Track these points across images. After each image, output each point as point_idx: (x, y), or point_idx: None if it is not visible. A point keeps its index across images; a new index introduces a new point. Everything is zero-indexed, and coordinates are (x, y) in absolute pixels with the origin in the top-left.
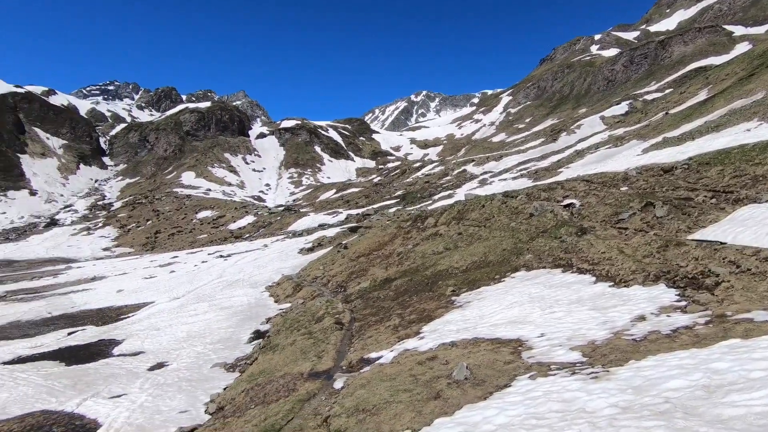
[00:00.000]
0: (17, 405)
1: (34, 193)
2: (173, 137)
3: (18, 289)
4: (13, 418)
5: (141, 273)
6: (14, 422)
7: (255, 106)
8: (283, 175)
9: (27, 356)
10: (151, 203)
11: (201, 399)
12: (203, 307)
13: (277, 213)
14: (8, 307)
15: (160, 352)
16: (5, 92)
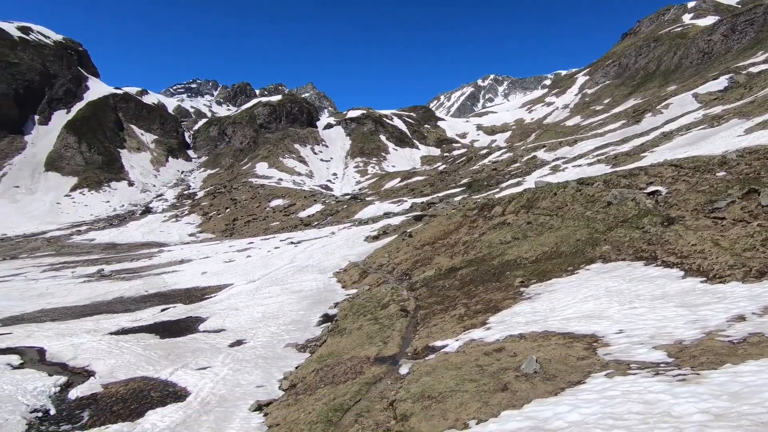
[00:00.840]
0: (122, 370)
1: (132, 184)
2: (248, 130)
3: (120, 269)
4: (120, 381)
5: (221, 257)
6: (120, 385)
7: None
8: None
9: (129, 328)
10: (229, 192)
11: (275, 376)
12: (276, 290)
13: (344, 201)
14: (113, 285)
15: (239, 330)
16: (107, 94)
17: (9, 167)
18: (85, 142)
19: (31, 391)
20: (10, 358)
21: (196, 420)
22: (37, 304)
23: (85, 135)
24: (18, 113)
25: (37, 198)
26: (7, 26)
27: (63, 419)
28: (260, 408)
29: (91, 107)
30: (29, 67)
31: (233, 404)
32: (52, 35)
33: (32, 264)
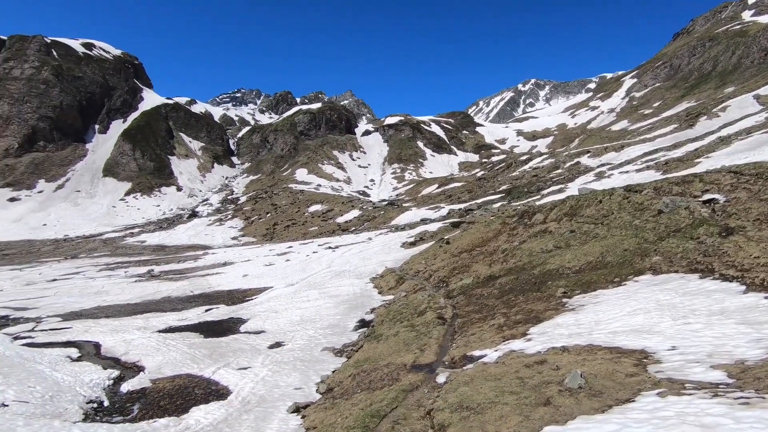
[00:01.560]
0: (169, 367)
1: (180, 189)
2: (289, 137)
3: (169, 270)
4: (167, 377)
5: (262, 260)
6: (167, 381)
7: (361, 105)
8: (386, 171)
9: (176, 327)
10: (270, 198)
11: (313, 379)
12: (314, 294)
13: (381, 207)
14: (162, 285)
15: (278, 333)
16: (159, 104)
17: (72, 173)
18: (139, 150)
19: (87, 383)
20: (69, 351)
21: (237, 419)
22: (94, 301)
23: (139, 143)
24: (81, 123)
25: (95, 202)
26: (73, 43)
27: (115, 411)
28: (298, 410)
29: (144, 117)
30: (92, 81)
31: (272, 405)
32: (112, 50)
33: (90, 263)
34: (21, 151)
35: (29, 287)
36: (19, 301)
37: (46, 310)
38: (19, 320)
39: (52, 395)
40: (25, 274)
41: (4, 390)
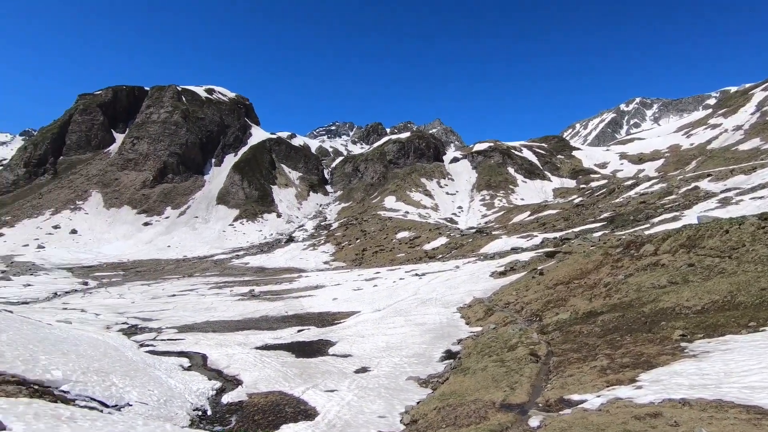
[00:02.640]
0: (264, 383)
1: (280, 216)
2: (378, 166)
3: (267, 290)
4: (261, 392)
5: (351, 285)
6: (261, 396)
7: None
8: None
9: (271, 345)
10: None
11: (397, 408)
12: (400, 321)
13: (469, 235)
14: (261, 304)
15: (364, 358)
16: (264, 138)
17: (192, 201)
18: (246, 180)
19: (194, 391)
20: (182, 361)
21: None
22: (203, 316)
23: (246, 174)
24: (201, 158)
25: (209, 226)
26: (198, 89)
27: (216, 420)
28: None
29: (252, 150)
30: (211, 120)
31: (356, 431)
32: (228, 93)
33: (202, 282)
34: (154, 182)
35: (154, 301)
36: (146, 312)
37: (165, 322)
38: (145, 329)
39: (165, 399)
40: (152, 289)
41: (130, 391)
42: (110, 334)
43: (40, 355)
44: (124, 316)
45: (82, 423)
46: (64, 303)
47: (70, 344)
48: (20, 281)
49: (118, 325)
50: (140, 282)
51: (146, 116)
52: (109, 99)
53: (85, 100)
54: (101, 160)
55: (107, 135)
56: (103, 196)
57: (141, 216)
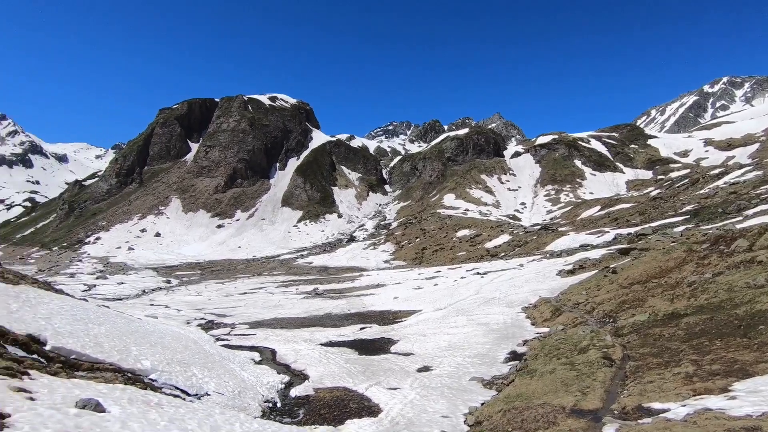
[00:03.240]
0: (329, 378)
1: (341, 216)
2: (437, 164)
3: (330, 289)
4: (326, 388)
5: (411, 284)
6: (327, 391)
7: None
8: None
9: (335, 342)
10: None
11: (460, 409)
12: (462, 321)
13: (533, 232)
14: (324, 302)
15: (426, 357)
16: (324, 141)
17: (259, 204)
18: (309, 182)
19: (265, 384)
20: (253, 355)
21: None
22: (272, 313)
23: (308, 176)
24: (266, 162)
25: (275, 228)
26: (262, 98)
27: (285, 413)
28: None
29: (313, 153)
30: (275, 127)
31: (419, 430)
32: (290, 100)
33: (270, 280)
34: (226, 188)
35: (227, 298)
36: (221, 309)
37: (238, 318)
38: (220, 325)
39: (239, 391)
40: (225, 287)
41: (208, 381)
42: (190, 329)
43: (131, 346)
44: (202, 312)
45: (167, 409)
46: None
47: (156, 337)
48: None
49: (196, 320)
50: (215, 281)
51: (217, 126)
52: (184, 112)
53: (164, 114)
54: (179, 168)
55: (184, 145)
56: (181, 201)
57: (215, 219)
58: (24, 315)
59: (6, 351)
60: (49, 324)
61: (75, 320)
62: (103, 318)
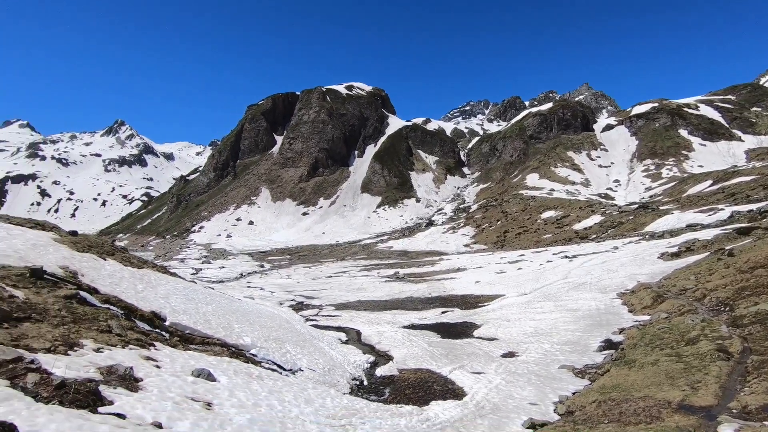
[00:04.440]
0: (412, 360)
1: (419, 200)
2: (518, 143)
3: (410, 273)
4: (410, 369)
5: (493, 268)
6: (410, 372)
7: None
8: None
9: (417, 325)
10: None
11: (549, 397)
12: (549, 306)
13: (629, 212)
14: (405, 286)
15: (511, 342)
16: (401, 127)
17: (340, 191)
18: (386, 168)
19: (352, 363)
20: (339, 335)
21: (472, 421)
22: (356, 296)
23: (386, 162)
24: (345, 151)
25: (356, 214)
26: (339, 88)
27: (371, 391)
28: (534, 427)
29: (390, 139)
30: (352, 115)
31: (506, 415)
32: (366, 87)
33: (353, 264)
34: (309, 177)
35: (314, 281)
36: (309, 291)
37: (324, 300)
38: (309, 306)
39: (329, 368)
40: (312, 271)
41: (301, 358)
42: (283, 309)
43: (234, 324)
44: (292, 294)
45: (267, 381)
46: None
47: (254, 316)
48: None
49: (287, 301)
50: (302, 265)
51: (299, 118)
52: (269, 107)
53: (252, 110)
54: (267, 160)
55: (270, 138)
56: (270, 191)
57: (300, 207)
58: (147, 295)
59: (136, 325)
60: (168, 303)
61: (187, 300)
62: (210, 298)
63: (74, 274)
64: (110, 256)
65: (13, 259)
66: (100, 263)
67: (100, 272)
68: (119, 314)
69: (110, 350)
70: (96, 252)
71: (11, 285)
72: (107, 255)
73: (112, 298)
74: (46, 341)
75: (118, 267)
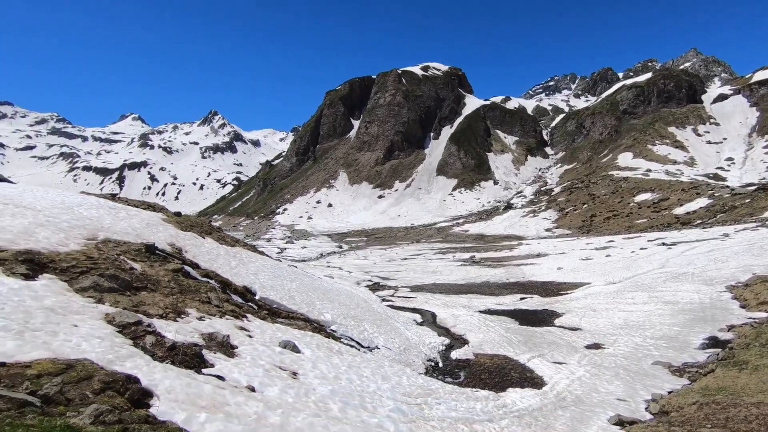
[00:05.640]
0: (488, 345)
1: (497, 183)
2: (609, 119)
3: (487, 257)
4: (486, 354)
5: (577, 254)
6: (487, 357)
7: (711, 64)
8: (755, 145)
9: (493, 310)
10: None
11: (641, 394)
12: (642, 297)
13: (745, 194)
14: (481, 270)
15: (596, 333)
16: (478, 106)
17: (415, 174)
18: (463, 150)
19: (427, 344)
20: (415, 316)
21: (552, 412)
22: (431, 279)
23: (462, 144)
24: (421, 133)
25: (431, 197)
26: (415, 69)
27: (446, 373)
28: (622, 424)
29: (466, 120)
30: (428, 96)
31: (590, 409)
32: (442, 67)
33: (428, 247)
34: (384, 160)
35: (390, 263)
36: (384, 272)
37: (400, 281)
38: (384, 287)
39: (404, 348)
40: (387, 253)
41: (377, 337)
42: (360, 289)
43: (315, 300)
44: (369, 275)
45: (346, 356)
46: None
47: (333, 294)
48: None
49: (364, 281)
50: (378, 246)
51: (375, 101)
52: (346, 92)
53: (330, 96)
54: (344, 144)
55: (347, 123)
56: (347, 175)
57: (376, 190)
58: (240, 271)
59: (230, 298)
60: (257, 279)
61: (274, 276)
62: (293, 276)
63: (179, 250)
64: (208, 234)
65: (132, 236)
66: (200, 241)
67: (200, 249)
68: (217, 287)
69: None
70: (196, 231)
71: (131, 259)
72: (206, 234)
73: (210, 273)
74: (159, 308)
75: (214, 245)
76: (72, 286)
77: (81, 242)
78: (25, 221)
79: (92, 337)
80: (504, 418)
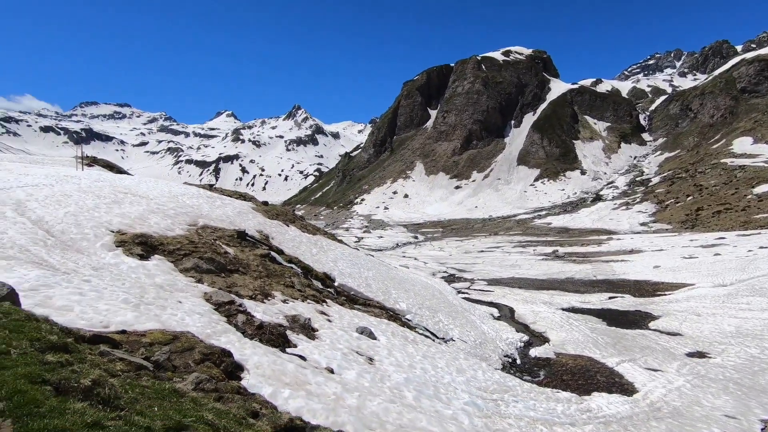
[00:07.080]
0: (571, 345)
1: (584, 173)
2: (722, 99)
3: (571, 252)
4: (569, 354)
5: (679, 252)
6: (569, 358)
7: None
8: None
9: (578, 308)
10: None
11: (755, 412)
12: (759, 303)
13: None
14: (565, 266)
15: (700, 341)
16: (564, 91)
17: (494, 164)
18: (546, 138)
19: (504, 340)
20: (491, 311)
21: (644, 422)
22: (509, 272)
23: (546, 132)
24: (501, 121)
25: (511, 187)
26: (495, 54)
27: (525, 371)
28: None
29: (551, 106)
30: (509, 83)
31: (690, 423)
32: (524, 51)
33: (506, 240)
34: (462, 150)
35: (466, 255)
36: (461, 264)
37: (476, 274)
38: (460, 279)
39: (480, 342)
40: (464, 245)
41: (452, 329)
42: (435, 280)
43: (391, 289)
44: (444, 266)
45: (421, 346)
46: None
47: (409, 284)
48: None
49: (440, 273)
50: (454, 238)
51: (452, 90)
52: (423, 81)
53: (408, 86)
54: (421, 135)
55: (424, 113)
56: (424, 165)
57: (453, 181)
58: (320, 258)
59: (312, 283)
60: (336, 266)
61: (352, 264)
62: (370, 264)
63: (266, 237)
64: (292, 223)
65: (226, 223)
66: (284, 229)
67: (285, 236)
68: (299, 273)
69: (293, 302)
70: (282, 219)
71: (225, 243)
72: (290, 222)
73: (293, 259)
74: (249, 290)
75: (297, 233)
76: (177, 267)
77: (184, 227)
78: (140, 208)
79: (193, 313)
80: (588, 423)
